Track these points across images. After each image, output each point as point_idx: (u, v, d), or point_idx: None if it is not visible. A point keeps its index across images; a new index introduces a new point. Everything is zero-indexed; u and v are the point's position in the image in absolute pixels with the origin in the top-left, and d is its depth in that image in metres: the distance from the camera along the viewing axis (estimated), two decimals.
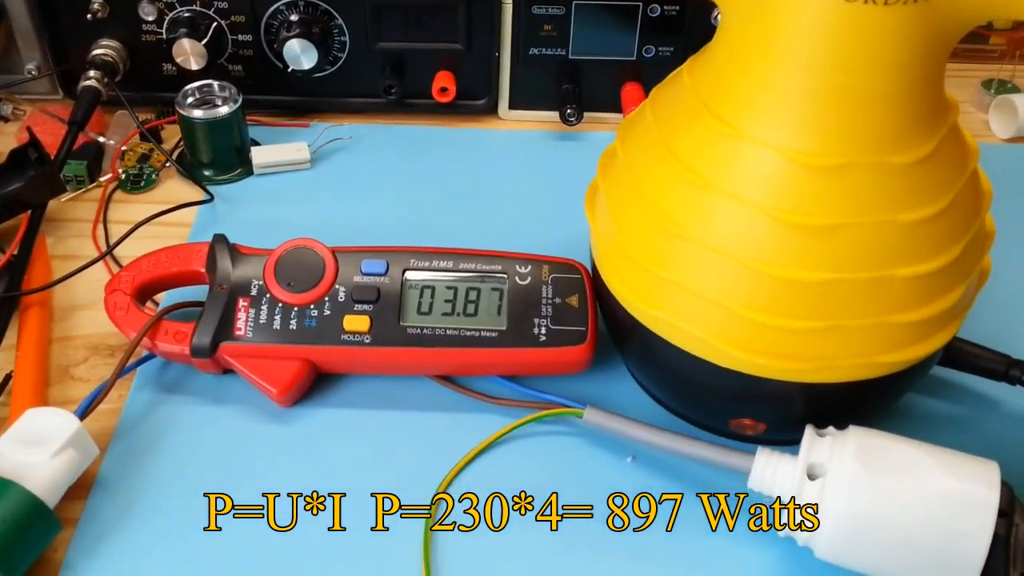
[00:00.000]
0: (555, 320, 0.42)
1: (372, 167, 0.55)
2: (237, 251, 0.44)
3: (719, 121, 0.34)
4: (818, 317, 0.34)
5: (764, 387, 0.36)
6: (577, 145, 0.57)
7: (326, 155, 0.56)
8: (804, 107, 0.33)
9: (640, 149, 0.38)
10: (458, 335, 0.41)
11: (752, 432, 0.39)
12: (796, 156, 0.33)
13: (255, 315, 0.42)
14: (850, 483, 0.34)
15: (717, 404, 0.39)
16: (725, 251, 0.34)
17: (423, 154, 0.56)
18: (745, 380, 0.36)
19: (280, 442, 0.41)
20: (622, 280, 0.38)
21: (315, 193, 0.53)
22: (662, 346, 0.37)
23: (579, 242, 0.44)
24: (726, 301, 0.35)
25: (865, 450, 0.34)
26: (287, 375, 0.41)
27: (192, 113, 0.52)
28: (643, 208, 0.37)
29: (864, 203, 0.33)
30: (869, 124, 0.33)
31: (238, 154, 0.54)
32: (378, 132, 0.57)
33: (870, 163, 0.33)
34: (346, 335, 0.41)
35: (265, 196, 0.53)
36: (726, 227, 0.34)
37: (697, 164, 0.35)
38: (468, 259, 0.43)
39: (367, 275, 0.43)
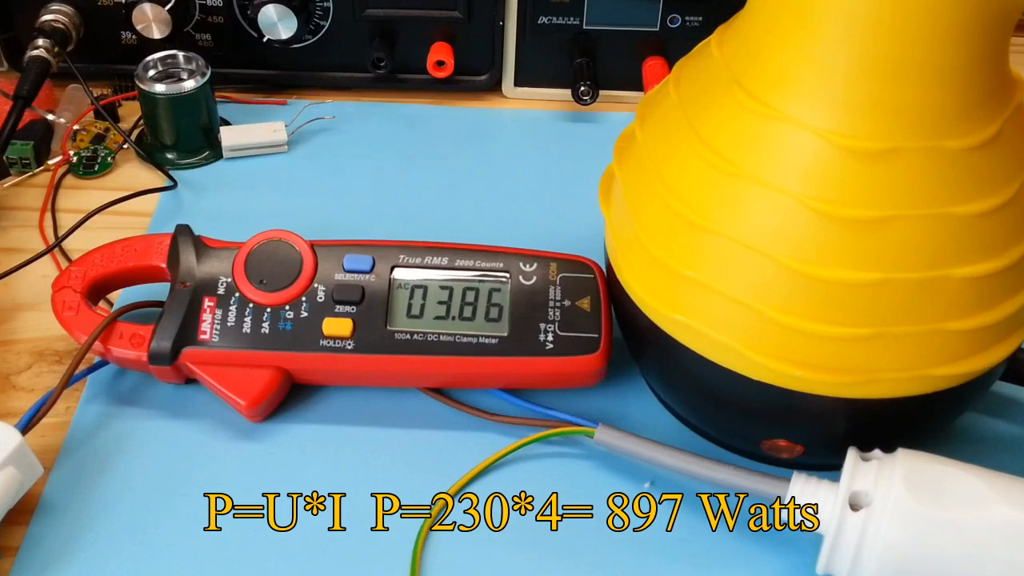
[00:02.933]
0: (564, 326, 0.42)
1: (358, 151, 0.55)
2: (203, 244, 0.44)
3: (752, 99, 0.34)
4: (863, 323, 0.34)
5: (801, 403, 0.36)
6: (591, 127, 0.57)
7: (305, 137, 0.56)
8: (848, 83, 0.33)
9: (662, 131, 0.38)
10: (453, 342, 0.41)
11: (787, 455, 0.39)
12: (839, 139, 0.33)
13: (222, 317, 0.42)
14: (898, 514, 0.34)
15: (748, 423, 0.39)
16: (757, 247, 0.34)
17: (416, 136, 0.56)
18: (780, 395, 0.36)
19: (249, 462, 0.41)
20: (640, 280, 0.38)
21: (292, 179, 0.53)
22: (685, 355, 0.37)
23: (592, 237, 0.45)
24: (758, 304, 0.35)
25: (915, 477, 0.34)
26: (258, 386, 0.41)
27: (154, 88, 0.52)
28: (665, 198, 0.37)
29: (916, 193, 0.33)
30: (922, 103, 0.32)
31: (205, 135, 0.54)
32: (365, 111, 0.58)
33: (923, 147, 0.33)
34: (325, 340, 0.41)
35: (235, 182, 0.53)
36: (759, 220, 0.34)
37: (726, 148, 0.35)
38: (465, 255, 0.44)
39: (350, 272, 0.43)
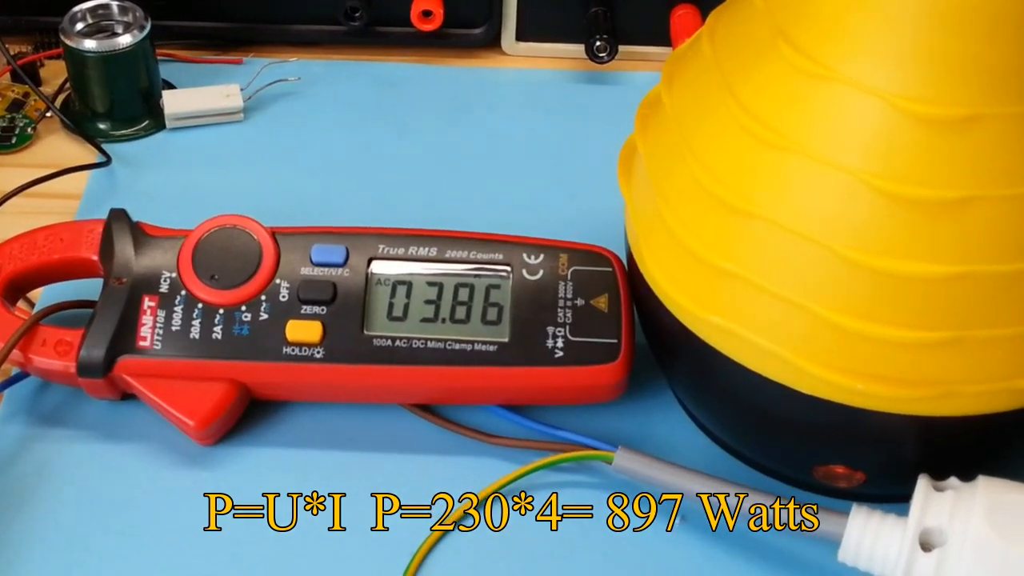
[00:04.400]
0: (576, 329, 0.41)
1: (328, 119, 0.54)
2: (142, 232, 0.43)
3: (802, 56, 0.34)
4: (938, 325, 0.33)
5: (863, 422, 0.35)
6: (609, 91, 0.56)
7: (265, 102, 0.55)
8: (920, 36, 0.32)
9: (694, 95, 0.37)
10: (443, 349, 0.41)
11: (845, 484, 0.38)
12: (909, 104, 0.32)
13: (165, 320, 0.41)
14: (980, 556, 0.33)
15: (798, 445, 0.38)
16: (810, 234, 0.33)
17: (398, 102, 0.55)
18: (836, 412, 0.35)
19: (199, 493, 0.40)
20: (669, 274, 0.37)
21: (249, 154, 0.52)
22: (723, 365, 0.36)
23: (610, 223, 0.44)
24: (811, 303, 0.34)
25: (1000, 510, 0.33)
26: (208, 402, 0.40)
27: (83, 44, 0.51)
28: (698, 176, 0.36)
29: (1002, 170, 0.32)
30: (1010, 61, 0.32)
31: (145, 101, 0.53)
32: (337, 71, 0.57)
33: (1011, 114, 0.32)
34: (290, 348, 0.41)
35: (181, 158, 0.52)
36: (812, 201, 0.33)
37: (772, 115, 0.34)
38: (458, 245, 0.43)
39: (319, 266, 0.42)
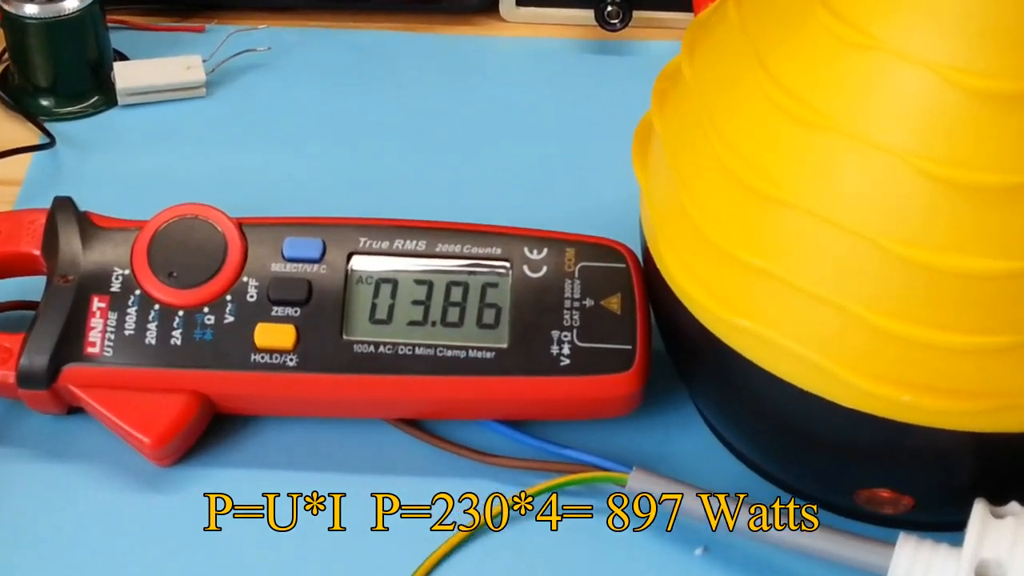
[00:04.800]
0: (585, 334, 0.41)
1: (303, 95, 0.53)
2: (91, 223, 0.43)
3: (842, 23, 0.33)
4: (999, 329, 0.33)
5: (910, 439, 0.35)
6: (621, 62, 0.55)
7: (231, 76, 0.54)
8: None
9: (719, 68, 0.37)
10: (433, 357, 0.40)
11: (892, 510, 0.38)
12: (964, 78, 0.32)
13: (117, 323, 0.41)
14: None
15: (837, 466, 0.38)
16: (850, 225, 0.33)
17: (381, 75, 0.55)
18: (882, 428, 0.35)
19: (155, 522, 0.40)
20: (690, 271, 0.37)
21: (213, 134, 0.52)
22: (751, 374, 0.36)
23: (623, 212, 0.43)
24: (852, 303, 0.33)
25: None
26: (166, 417, 0.40)
27: (22, 9, 0.51)
28: (723, 159, 0.36)
29: None
30: None
31: (94, 74, 0.53)
32: (312, 40, 0.56)
33: None
34: (259, 355, 0.40)
35: (135, 139, 0.51)
36: (853, 188, 0.33)
37: (807, 90, 0.34)
38: (450, 237, 0.42)
39: (292, 261, 0.42)
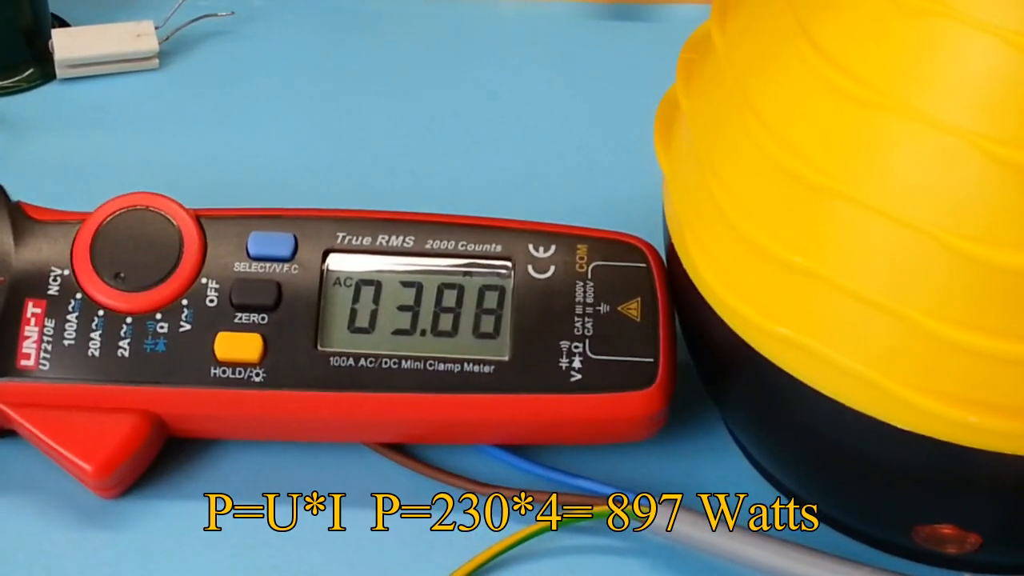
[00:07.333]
0: (599, 345, 0.40)
1: (270, 68, 0.53)
2: (25, 215, 0.42)
3: None
4: None
5: (979, 467, 0.33)
6: (642, 29, 0.55)
7: (188, 44, 0.53)
8: None
9: (756, 35, 0.36)
10: (422, 371, 0.39)
11: (955, 549, 0.37)
12: None
13: (55, 331, 0.40)
14: None
15: (892, 498, 0.37)
16: (910, 219, 0.32)
17: (363, 46, 0.54)
18: (945, 454, 0.33)
19: (98, 561, 0.39)
20: (721, 271, 0.36)
21: (167, 113, 0.51)
22: (793, 391, 0.35)
23: (643, 203, 0.43)
24: (911, 309, 0.32)
25: None
26: (112, 441, 0.39)
27: None
28: (761, 142, 0.34)
29: None
30: None
31: (28, 42, 0.52)
32: (282, 5, 0.55)
33: None
34: (220, 369, 0.39)
35: (77, 117, 0.51)
36: (916, 176, 0.32)
37: (859, 63, 0.33)
38: (443, 232, 0.41)
39: (259, 260, 0.41)
